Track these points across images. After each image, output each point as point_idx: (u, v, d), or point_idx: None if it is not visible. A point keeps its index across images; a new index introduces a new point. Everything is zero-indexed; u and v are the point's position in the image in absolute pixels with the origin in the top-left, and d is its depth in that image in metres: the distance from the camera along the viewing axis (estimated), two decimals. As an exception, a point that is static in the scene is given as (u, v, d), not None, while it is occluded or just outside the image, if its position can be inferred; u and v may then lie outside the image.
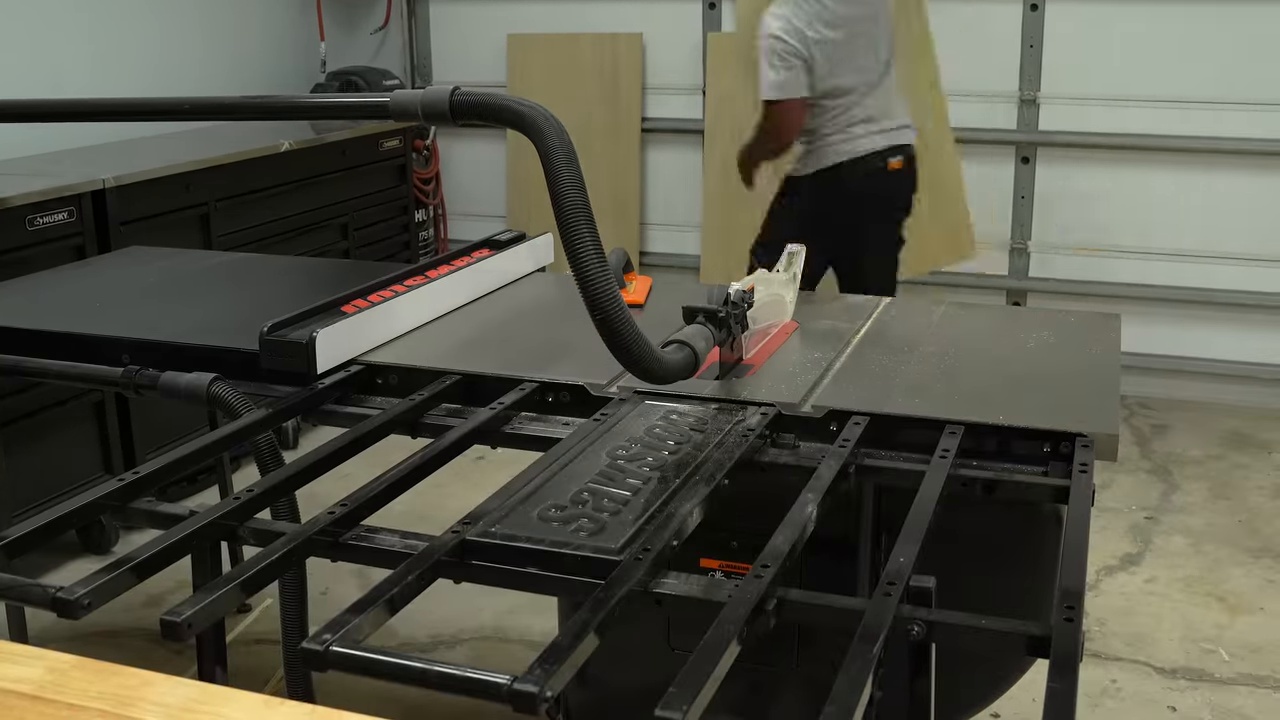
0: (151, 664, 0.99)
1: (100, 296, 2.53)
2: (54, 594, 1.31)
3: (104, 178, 3.40)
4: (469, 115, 1.61)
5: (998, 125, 4.54)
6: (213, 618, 1.34)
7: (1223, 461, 3.99)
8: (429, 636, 2.98)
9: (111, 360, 2.09)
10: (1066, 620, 1.24)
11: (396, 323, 2.16)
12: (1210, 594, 3.15)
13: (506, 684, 1.08)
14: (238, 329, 2.08)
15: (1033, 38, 4.46)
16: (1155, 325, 4.46)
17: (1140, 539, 3.46)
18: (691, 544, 1.45)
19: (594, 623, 1.19)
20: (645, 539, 1.37)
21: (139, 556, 1.39)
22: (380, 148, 4.63)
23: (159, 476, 1.64)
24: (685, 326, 1.80)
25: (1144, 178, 4.44)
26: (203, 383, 1.92)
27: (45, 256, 3.13)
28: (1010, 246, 4.64)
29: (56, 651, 0.98)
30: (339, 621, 1.19)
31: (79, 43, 4.13)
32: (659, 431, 1.70)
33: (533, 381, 1.90)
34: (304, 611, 1.80)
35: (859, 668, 1.16)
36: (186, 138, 4.24)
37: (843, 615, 1.31)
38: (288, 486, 1.65)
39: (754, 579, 1.30)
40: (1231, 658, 2.86)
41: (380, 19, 5.32)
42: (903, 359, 1.99)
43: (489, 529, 1.40)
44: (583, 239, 1.51)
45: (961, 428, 1.69)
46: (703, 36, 4.87)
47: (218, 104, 2.08)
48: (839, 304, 2.36)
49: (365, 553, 1.47)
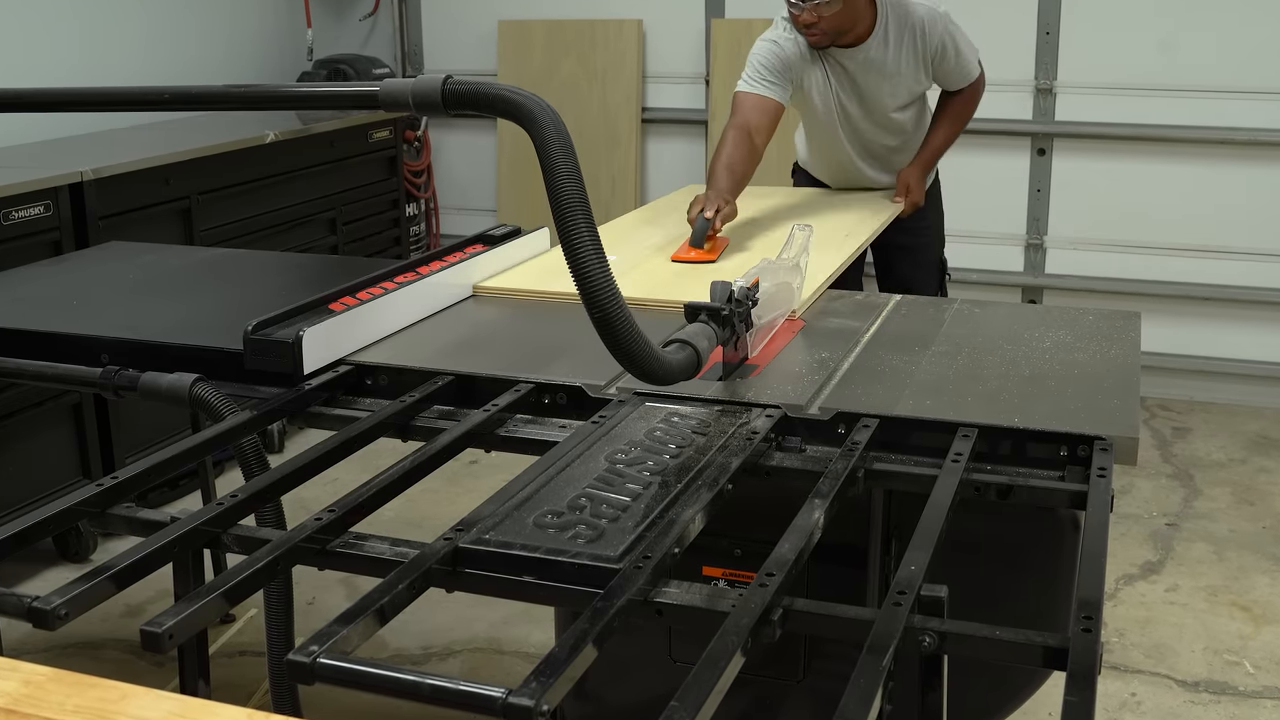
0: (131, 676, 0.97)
1: (78, 294, 2.49)
2: (29, 604, 1.29)
3: (82, 170, 3.35)
4: (462, 105, 1.57)
5: (1013, 115, 4.49)
6: (195, 628, 1.32)
7: (1247, 466, 3.96)
8: (420, 648, 2.95)
9: (90, 360, 2.06)
10: (1084, 631, 1.22)
11: (386, 321, 2.13)
12: (1234, 603, 3.12)
13: (501, 697, 1.06)
14: (221, 328, 2.06)
15: (1049, 24, 4.41)
16: (1177, 324, 4.42)
17: (1161, 546, 3.42)
18: (694, 551, 1.43)
19: (592, 634, 1.17)
20: (645, 546, 1.35)
21: (118, 565, 1.36)
22: (370, 139, 4.59)
23: (139, 481, 1.61)
24: (687, 325, 1.77)
25: (1166, 170, 4.40)
26: (185, 384, 1.89)
27: (20, 252, 3.08)
28: (1026, 242, 4.61)
29: (32, 664, 0.95)
30: (326, 632, 1.16)
31: (61, 31, 4.09)
32: (660, 434, 1.67)
33: (528, 382, 1.88)
34: (290, 622, 1.77)
35: (868, 680, 1.14)
36: (168, 129, 4.20)
37: (851, 626, 1.29)
38: (273, 492, 1.62)
39: (759, 588, 1.28)
40: (1256, 670, 2.82)
41: (369, 5, 5.29)
42: (914, 359, 1.97)
43: (483, 536, 1.38)
44: (580, 233, 1.48)
45: (975, 430, 1.67)
46: (705, 22, 4.82)
47: (200, 93, 2.03)
48: (847, 302, 2.34)
49: (354, 560, 1.45)
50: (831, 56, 3.03)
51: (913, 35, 3.00)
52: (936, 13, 3.02)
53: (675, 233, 2.73)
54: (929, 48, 3.02)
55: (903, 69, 3.03)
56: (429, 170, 5.28)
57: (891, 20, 2.99)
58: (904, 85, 3.08)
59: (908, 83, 3.08)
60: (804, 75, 3.03)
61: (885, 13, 2.98)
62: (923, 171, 3.24)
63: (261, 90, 2.50)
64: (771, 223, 2.92)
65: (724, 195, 2.70)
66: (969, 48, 3.09)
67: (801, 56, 2.99)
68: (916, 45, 3.01)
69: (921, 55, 3.03)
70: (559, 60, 5.00)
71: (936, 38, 3.01)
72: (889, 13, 2.99)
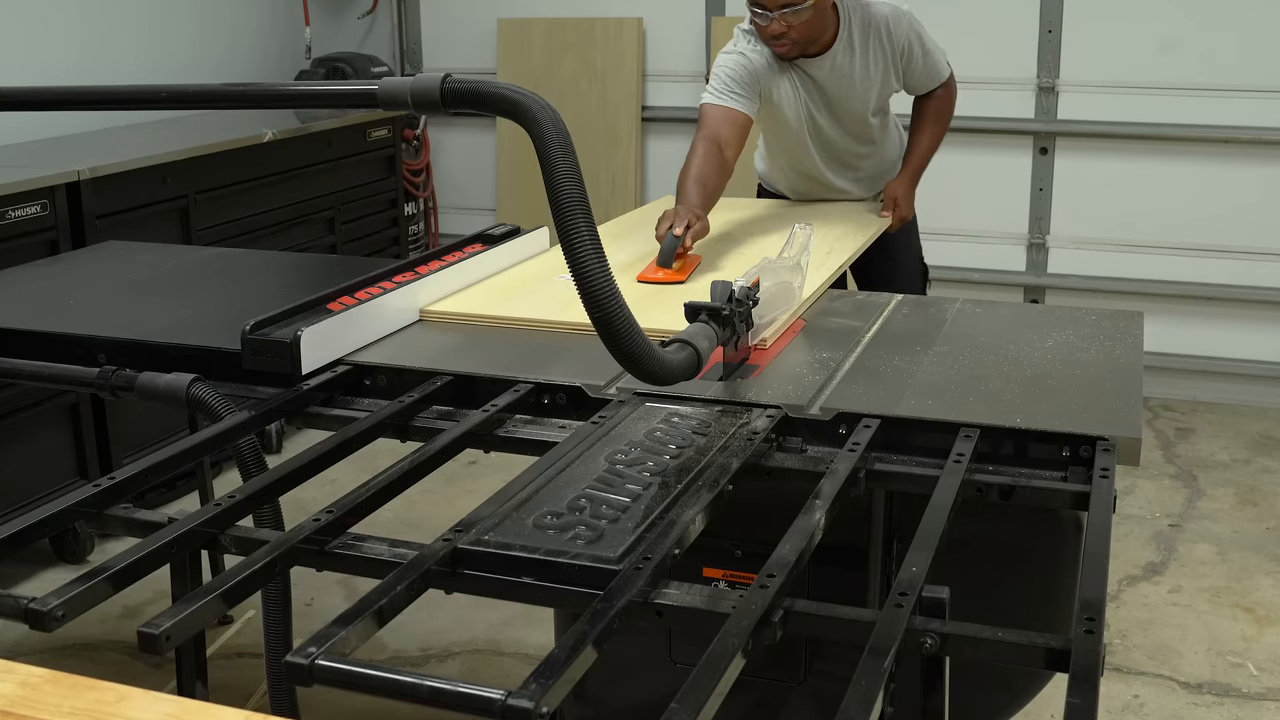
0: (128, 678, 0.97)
1: (75, 294, 2.48)
2: (26, 605, 1.28)
3: (79, 169, 3.33)
4: (461, 104, 1.57)
5: (1015, 114, 4.47)
6: (192, 630, 1.31)
7: (1250, 466, 3.94)
8: (419, 649, 2.94)
9: (87, 360, 2.05)
10: (1087, 632, 1.22)
11: (385, 321, 2.12)
12: (1237, 605, 3.10)
13: (500, 699, 1.05)
14: (219, 327, 2.05)
15: (1051, 22, 4.39)
16: (1180, 324, 4.41)
17: (1164, 547, 3.41)
18: (694, 553, 1.42)
19: (592, 635, 1.16)
20: (645, 547, 1.34)
21: (115, 566, 1.36)
22: (368, 138, 4.57)
23: (136, 482, 1.61)
24: (688, 325, 1.76)
25: (1169, 169, 4.38)
26: (182, 384, 1.88)
27: (17, 252, 3.07)
28: (1028, 241, 4.59)
29: (29, 665, 0.95)
30: (325, 634, 1.16)
31: (58, 30, 4.08)
32: (660, 435, 1.67)
33: (528, 383, 1.87)
34: (288, 623, 1.76)
35: (869, 682, 1.14)
36: (165, 127, 4.18)
37: (852, 627, 1.28)
38: (271, 492, 1.61)
39: (759, 589, 1.27)
40: (1260, 672, 2.81)
41: (368, 3, 5.28)
42: (915, 359, 1.96)
43: (482, 537, 1.37)
44: (580, 233, 1.47)
45: (977, 431, 1.66)
46: (706, 21, 4.81)
47: (197, 92, 2.03)
48: (849, 301, 2.33)
49: (352, 562, 1.44)
50: (798, 67, 2.91)
51: (878, 35, 2.90)
52: (900, 10, 2.92)
53: (644, 250, 2.50)
54: (895, 46, 2.92)
55: (872, 72, 2.93)
56: (428, 169, 5.27)
57: (855, 23, 2.88)
58: (875, 89, 2.97)
59: (877, 86, 2.97)
60: (772, 88, 2.88)
61: (848, 16, 2.88)
62: (912, 183, 3.11)
63: (259, 89, 2.49)
64: (747, 238, 2.72)
65: (694, 210, 2.52)
66: (935, 47, 3.00)
67: (769, 68, 2.87)
68: (884, 45, 2.91)
69: (890, 55, 2.92)
70: (559, 58, 4.99)
71: (902, 35, 2.91)
72: (851, 16, 2.88)
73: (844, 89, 2.95)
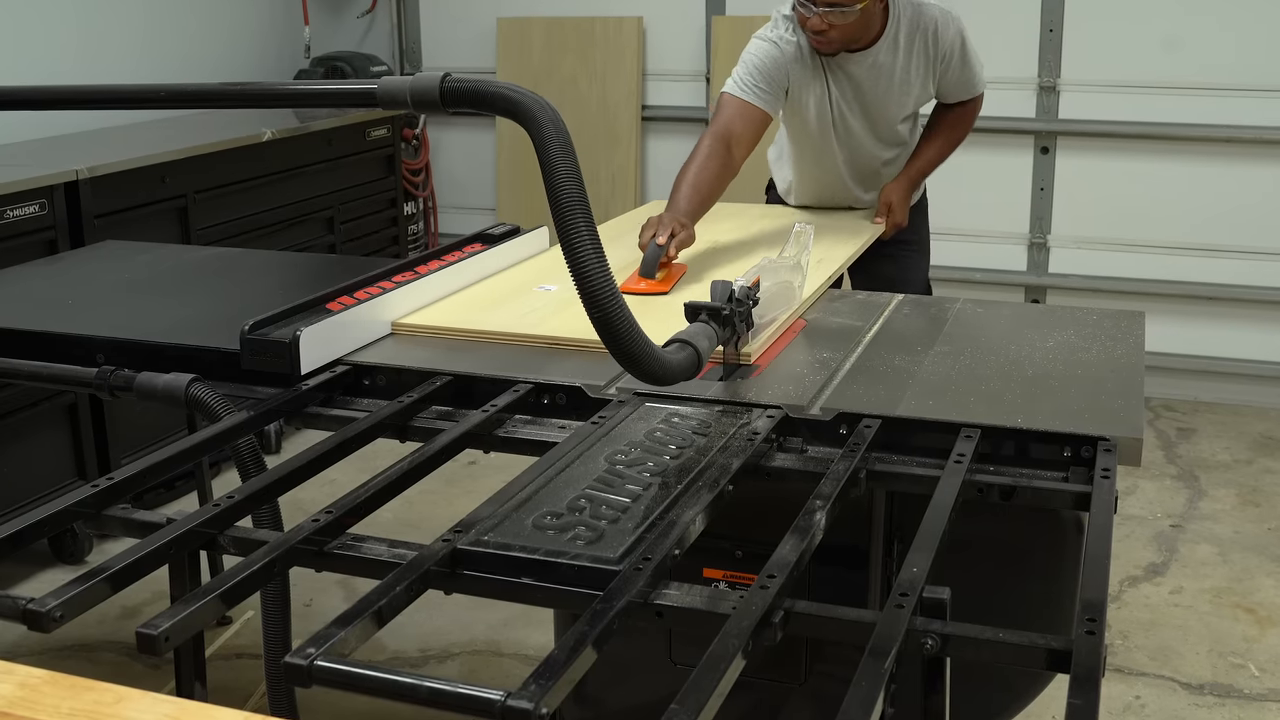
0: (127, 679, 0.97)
1: (73, 293, 2.48)
2: (24, 606, 1.28)
3: (77, 169, 3.33)
4: (460, 103, 1.57)
5: (1016, 113, 4.47)
6: (191, 630, 1.31)
7: (1252, 467, 3.94)
8: (418, 650, 2.94)
9: (85, 360, 2.05)
10: (1088, 633, 1.21)
11: (385, 321, 2.12)
12: (1239, 605, 3.10)
13: (500, 700, 1.05)
14: (218, 327, 2.04)
15: (1053, 21, 4.38)
16: (1182, 323, 4.40)
17: (1165, 548, 3.40)
18: (694, 553, 1.42)
19: (592, 636, 1.16)
20: (645, 548, 1.34)
21: (114, 566, 1.36)
22: (367, 137, 4.57)
23: (135, 482, 1.60)
24: (688, 325, 1.76)
25: (1171, 168, 4.37)
26: (181, 384, 1.88)
27: (15, 252, 3.06)
28: (1029, 241, 4.59)
29: (27, 666, 0.95)
30: (324, 635, 1.15)
31: (57, 29, 4.08)
32: (660, 435, 1.66)
33: (527, 383, 1.86)
34: (287, 624, 1.76)
35: (870, 683, 1.13)
36: (164, 127, 4.18)
37: (853, 628, 1.28)
38: (270, 493, 1.61)
39: (760, 590, 1.27)
40: (1261, 673, 2.80)
41: (367, 2, 5.27)
42: (916, 359, 1.95)
43: (481, 537, 1.37)
44: (579, 232, 1.47)
45: (978, 431, 1.65)
46: (706, 19, 4.80)
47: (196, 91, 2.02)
48: (849, 301, 2.32)
49: (351, 562, 1.44)
50: (835, 62, 2.79)
51: (924, 37, 2.79)
52: (951, 15, 2.81)
53: (629, 258, 2.38)
54: (940, 50, 2.80)
55: (912, 74, 2.82)
56: (427, 169, 5.26)
57: (904, 22, 2.77)
58: (912, 93, 2.86)
59: (916, 90, 2.86)
60: (800, 83, 2.76)
61: (898, 15, 2.76)
62: (908, 188, 2.96)
63: (258, 88, 2.49)
64: (735, 249, 2.61)
65: (680, 218, 2.42)
66: (977, 61, 2.90)
67: (800, 62, 2.75)
68: (928, 48, 2.80)
69: (932, 59, 2.81)
70: (558, 58, 4.98)
71: (949, 40, 2.79)
72: (901, 15, 2.76)
73: (881, 89, 2.83)
